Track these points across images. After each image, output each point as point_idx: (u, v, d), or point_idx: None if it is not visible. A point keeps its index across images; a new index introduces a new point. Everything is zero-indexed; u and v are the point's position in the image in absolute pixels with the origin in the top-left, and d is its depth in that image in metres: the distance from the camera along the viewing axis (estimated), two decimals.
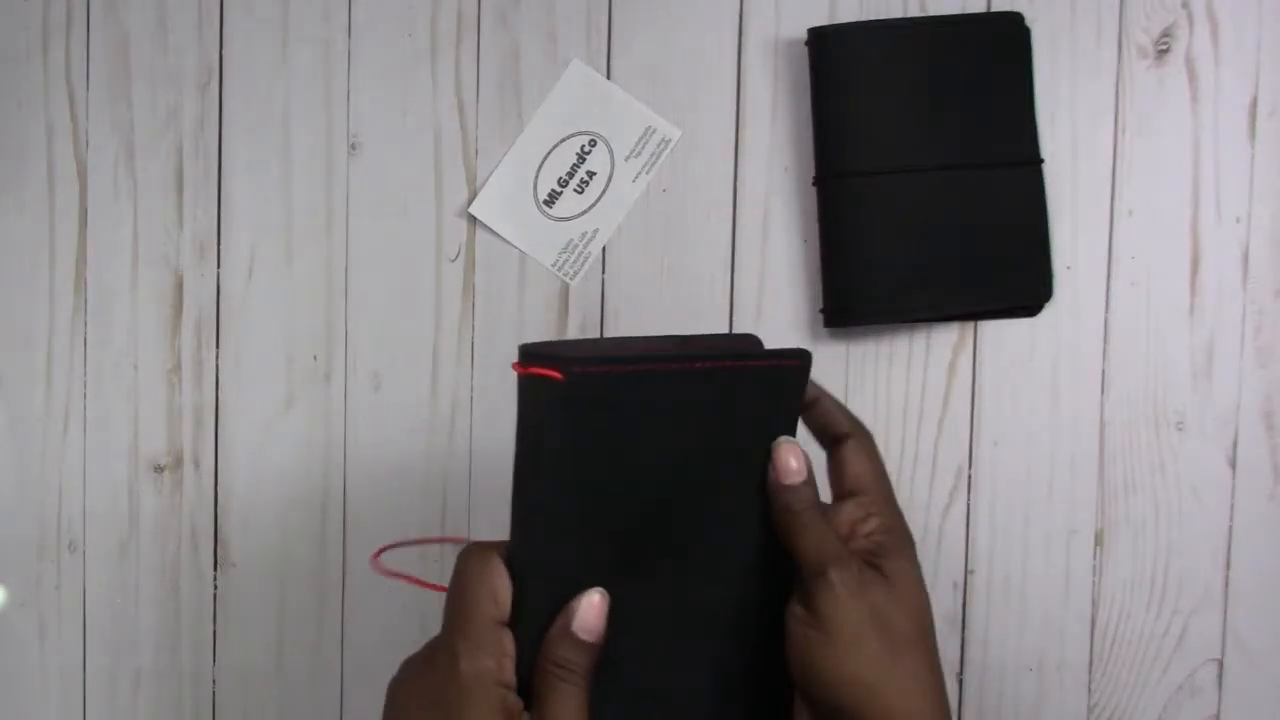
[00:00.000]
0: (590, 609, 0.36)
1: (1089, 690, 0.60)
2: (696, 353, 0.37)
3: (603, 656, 0.36)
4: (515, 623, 0.36)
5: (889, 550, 0.39)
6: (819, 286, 0.59)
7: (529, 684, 0.36)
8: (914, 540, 0.40)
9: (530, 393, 0.36)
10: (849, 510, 0.40)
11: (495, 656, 0.35)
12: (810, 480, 0.39)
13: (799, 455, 0.39)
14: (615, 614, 0.37)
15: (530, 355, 0.36)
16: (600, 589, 0.36)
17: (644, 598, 0.38)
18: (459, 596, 0.36)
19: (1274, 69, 0.59)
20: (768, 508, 0.39)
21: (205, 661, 0.63)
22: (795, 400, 0.39)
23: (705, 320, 0.60)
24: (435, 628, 0.36)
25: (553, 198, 0.61)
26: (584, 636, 0.36)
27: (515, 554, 0.36)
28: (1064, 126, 0.59)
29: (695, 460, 0.38)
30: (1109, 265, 0.59)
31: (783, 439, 0.39)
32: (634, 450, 0.36)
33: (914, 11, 0.59)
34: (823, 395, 0.42)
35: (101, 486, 0.63)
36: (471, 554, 0.37)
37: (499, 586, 0.36)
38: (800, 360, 0.38)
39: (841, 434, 0.41)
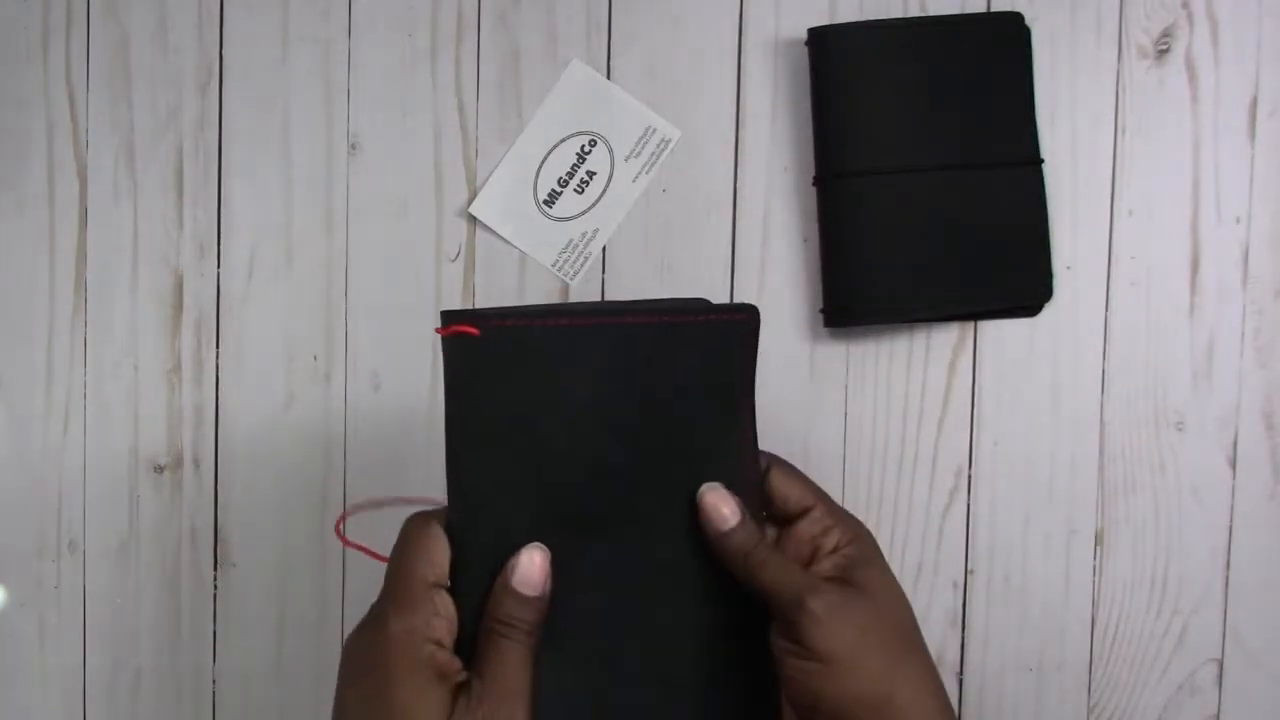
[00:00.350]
0: (531, 565, 0.36)
1: (1089, 690, 0.60)
2: (624, 308, 0.37)
3: (550, 617, 0.36)
4: (458, 587, 0.36)
5: (859, 560, 0.38)
6: (819, 286, 0.59)
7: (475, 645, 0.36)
8: (875, 540, 0.40)
9: (452, 354, 0.36)
10: (805, 529, 0.40)
11: (425, 615, 0.35)
12: (745, 516, 0.38)
13: (727, 498, 0.38)
14: (563, 573, 0.37)
15: (450, 315, 0.36)
16: (540, 545, 0.36)
17: (593, 558, 0.37)
18: (395, 561, 0.37)
19: (1274, 69, 0.59)
20: (714, 552, 0.38)
21: (205, 661, 0.63)
22: (746, 362, 0.38)
23: None
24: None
25: (553, 198, 0.61)
26: (525, 591, 0.36)
27: (453, 517, 0.37)
28: (1064, 126, 0.59)
29: (634, 420, 0.37)
30: (1109, 265, 0.59)
31: (705, 487, 0.38)
32: (561, 408, 0.36)
33: (914, 11, 0.59)
34: None
35: (101, 486, 0.63)
36: (412, 521, 0.38)
37: (435, 549, 0.36)
38: (745, 315, 0.37)
39: (764, 465, 0.41)
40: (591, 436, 0.37)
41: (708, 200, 0.61)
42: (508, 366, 0.35)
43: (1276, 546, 0.59)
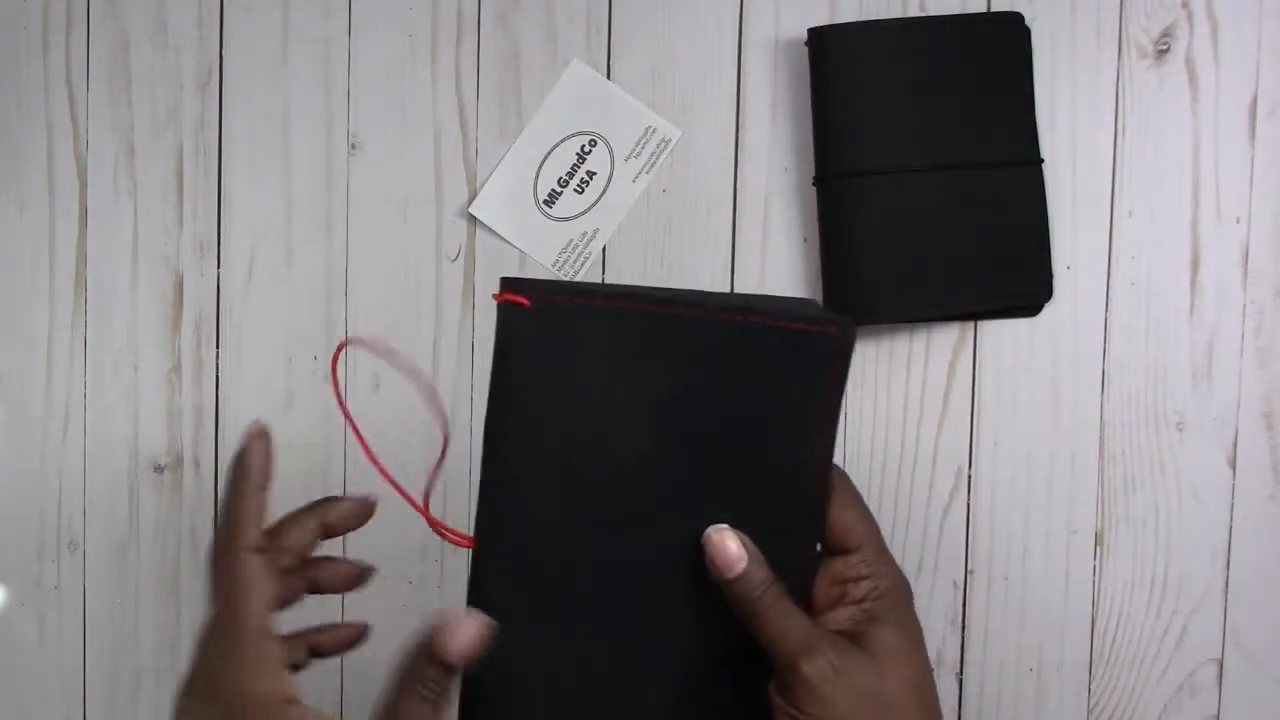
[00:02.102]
0: (466, 633, 0.35)
1: (1089, 690, 0.60)
2: (704, 300, 0.34)
3: (565, 602, 0.35)
4: (481, 553, 0.35)
5: (880, 616, 0.36)
6: (819, 286, 0.59)
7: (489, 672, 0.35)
8: (910, 593, 0.38)
9: (503, 321, 0.35)
10: (840, 569, 0.38)
11: (275, 678, 0.34)
12: (756, 559, 0.36)
13: (735, 539, 0.36)
14: (586, 565, 0.36)
15: (509, 282, 0.34)
16: (489, 620, 0.35)
17: (617, 557, 0.36)
18: (225, 606, 0.35)
19: (1274, 69, 0.59)
20: (723, 595, 0.36)
21: None
22: (831, 381, 0.34)
23: None
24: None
25: (553, 198, 0.61)
26: (450, 660, 0.35)
27: (485, 484, 0.36)
28: (1064, 126, 0.59)
29: (688, 423, 0.34)
30: (1109, 265, 0.59)
31: (712, 529, 0.36)
32: (608, 395, 0.34)
33: (914, 11, 0.59)
34: None
35: (101, 486, 0.63)
36: (226, 554, 0.36)
37: (261, 593, 0.35)
38: (839, 328, 0.33)
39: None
40: (636, 432, 0.34)
41: (708, 200, 0.61)
42: (554, 341, 0.33)
43: (1276, 546, 0.59)
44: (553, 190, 0.61)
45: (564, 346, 0.34)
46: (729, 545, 0.35)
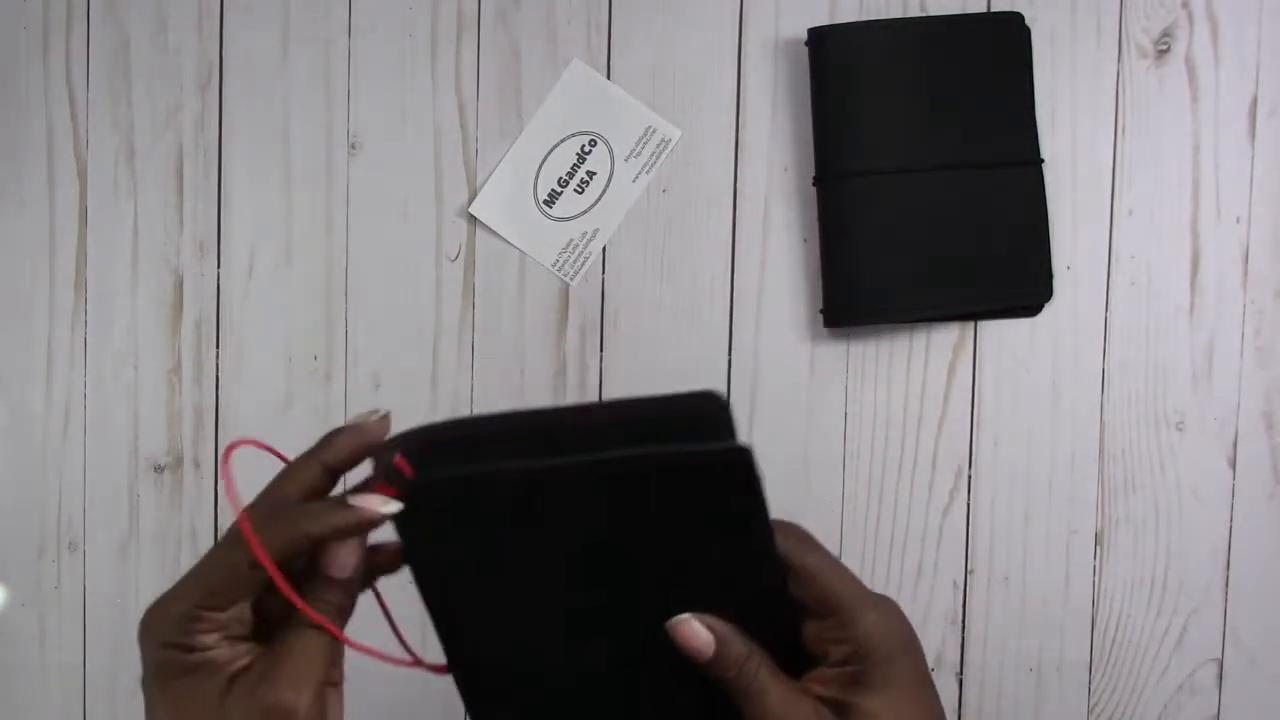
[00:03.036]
0: (343, 549, 0.34)
1: (1089, 690, 0.60)
2: (578, 452, 0.31)
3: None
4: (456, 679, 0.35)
5: (864, 680, 0.34)
6: (819, 286, 0.59)
7: None
8: (905, 638, 0.35)
9: (396, 517, 0.33)
10: (815, 631, 0.36)
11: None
12: (727, 637, 0.34)
13: (696, 628, 0.34)
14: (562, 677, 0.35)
15: (383, 470, 0.33)
16: (355, 540, 0.34)
17: (591, 664, 0.35)
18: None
19: (1274, 69, 0.59)
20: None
21: None
22: (749, 511, 0.33)
23: (705, 320, 0.60)
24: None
25: (553, 198, 0.61)
26: (335, 574, 0.34)
27: (440, 633, 0.35)
28: (1064, 126, 0.59)
29: (610, 565, 0.34)
30: (1109, 265, 0.59)
31: (673, 620, 0.34)
32: (519, 560, 0.33)
33: (914, 11, 0.59)
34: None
35: (101, 486, 0.63)
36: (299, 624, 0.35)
37: (311, 659, 0.34)
38: (725, 455, 0.31)
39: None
40: (563, 587, 0.34)
41: (708, 200, 0.61)
42: (443, 527, 0.32)
43: (1276, 546, 0.59)
44: (553, 190, 0.61)
45: (457, 529, 0.33)
46: (693, 638, 0.34)
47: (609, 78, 0.61)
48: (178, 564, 0.63)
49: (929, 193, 0.58)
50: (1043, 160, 0.59)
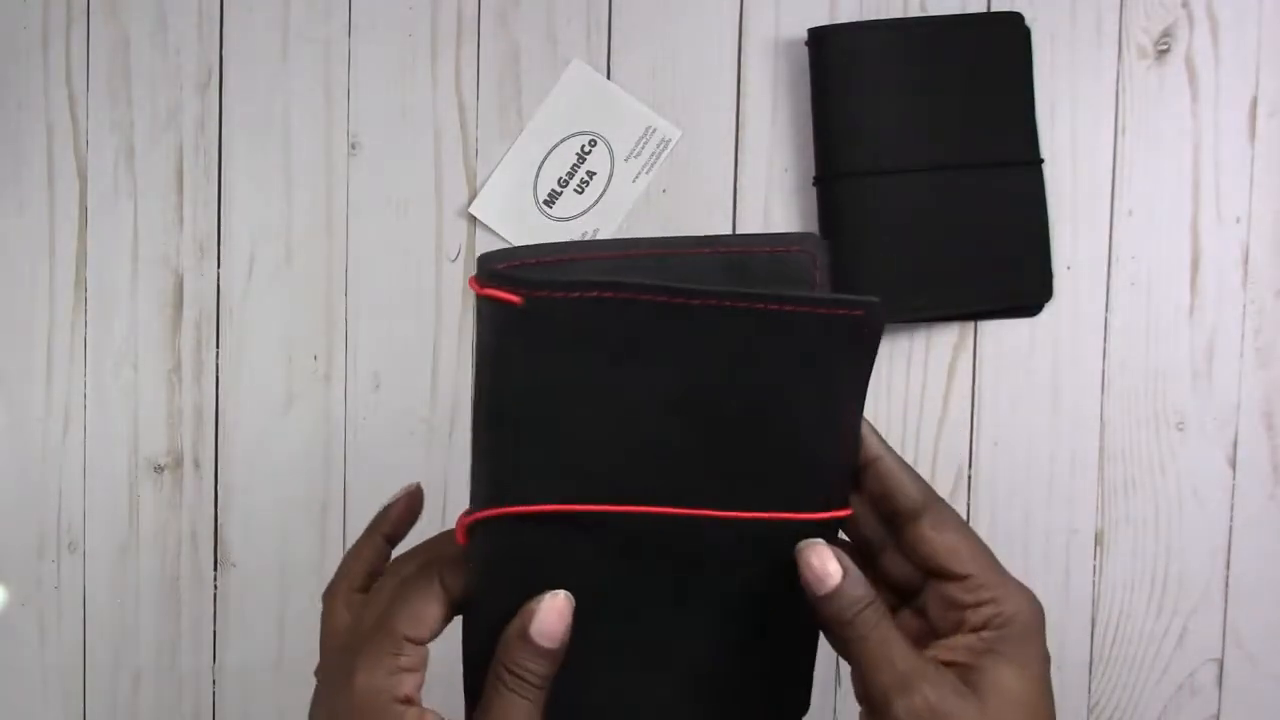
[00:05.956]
0: (552, 612, 0.31)
1: (1089, 690, 0.60)
2: (702, 288, 0.30)
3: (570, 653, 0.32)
4: (471, 609, 0.32)
5: (1000, 649, 0.32)
6: None
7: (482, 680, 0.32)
8: (1042, 623, 0.33)
9: (488, 317, 0.30)
10: (952, 593, 0.33)
11: (393, 672, 0.32)
12: (853, 576, 0.32)
13: (829, 555, 0.32)
14: (593, 603, 0.32)
15: (489, 273, 0.30)
16: (565, 592, 0.32)
17: (629, 586, 0.33)
18: (380, 615, 0.33)
19: (1274, 69, 0.59)
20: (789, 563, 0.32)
21: (205, 661, 0.63)
22: (859, 366, 0.32)
23: None
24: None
25: (553, 198, 0.61)
26: (542, 643, 0.31)
27: (474, 507, 0.32)
28: (1064, 126, 0.59)
29: (703, 420, 0.31)
30: (1109, 265, 0.59)
31: (804, 543, 0.32)
32: (616, 396, 0.31)
33: (914, 11, 0.59)
34: (885, 454, 0.34)
35: (101, 487, 0.63)
36: (331, 595, 0.36)
37: (426, 615, 0.33)
38: (865, 311, 0.31)
39: (912, 508, 0.33)
40: (648, 431, 0.31)
41: (708, 200, 0.61)
42: (553, 342, 0.30)
43: (1276, 546, 0.59)
44: (553, 190, 0.61)
45: (562, 348, 0.30)
46: (825, 561, 0.32)
47: (609, 78, 0.61)
48: (178, 564, 0.63)
49: (929, 193, 0.58)
50: (1043, 160, 0.59)
